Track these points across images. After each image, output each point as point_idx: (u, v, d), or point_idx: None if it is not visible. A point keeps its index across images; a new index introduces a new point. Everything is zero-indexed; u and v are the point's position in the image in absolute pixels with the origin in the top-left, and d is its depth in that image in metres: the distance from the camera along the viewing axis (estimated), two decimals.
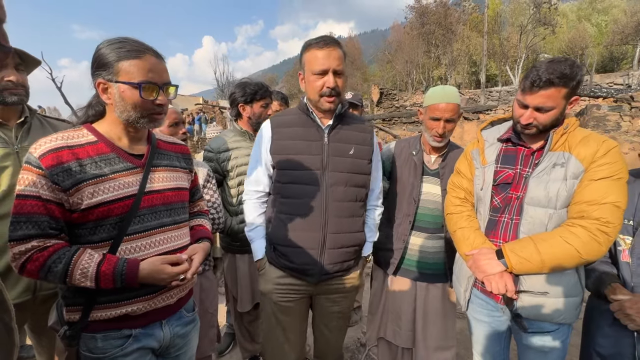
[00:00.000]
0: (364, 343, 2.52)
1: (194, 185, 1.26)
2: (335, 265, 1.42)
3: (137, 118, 0.98)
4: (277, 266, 1.45)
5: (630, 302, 1.12)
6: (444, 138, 1.60)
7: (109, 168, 0.96)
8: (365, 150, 1.46)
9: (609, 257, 1.29)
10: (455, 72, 35.16)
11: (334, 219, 1.39)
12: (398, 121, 15.10)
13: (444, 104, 1.54)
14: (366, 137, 1.49)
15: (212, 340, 1.78)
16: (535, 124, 1.20)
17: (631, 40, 26.90)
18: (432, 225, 1.67)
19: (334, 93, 1.34)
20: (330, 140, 1.41)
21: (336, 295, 1.50)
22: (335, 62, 1.31)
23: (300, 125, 1.43)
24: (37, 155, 0.89)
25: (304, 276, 1.42)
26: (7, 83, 1.32)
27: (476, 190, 1.39)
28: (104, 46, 0.95)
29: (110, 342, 0.98)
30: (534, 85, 1.14)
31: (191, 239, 1.16)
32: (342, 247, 1.42)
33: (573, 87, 1.14)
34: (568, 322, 1.26)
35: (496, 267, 1.19)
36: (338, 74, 1.33)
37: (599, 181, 1.12)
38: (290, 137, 1.42)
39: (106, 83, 0.95)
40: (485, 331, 1.43)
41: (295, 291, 1.45)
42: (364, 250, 1.55)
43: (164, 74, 1.00)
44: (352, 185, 1.43)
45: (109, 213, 0.94)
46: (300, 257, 1.39)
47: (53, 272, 0.88)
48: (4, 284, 1.28)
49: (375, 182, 1.57)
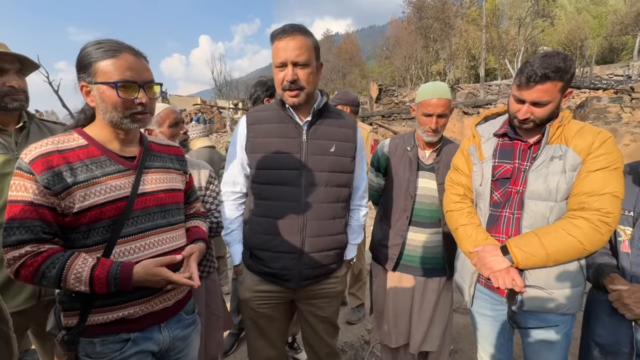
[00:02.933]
0: (368, 340, 2.52)
1: (189, 186, 1.26)
2: (315, 270, 1.36)
3: (119, 119, 0.96)
4: (254, 272, 1.39)
5: (628, 292, 1.14)
6: (437, 133, 1.61)
7: (100, 171, 0.96)
8: (347, 147, 1.38)
9: (609, 249, 1.30)
10: (454, 66, 35.04)
11: (313, 222, 1.32)
12: (397, 117, 15.06)
13: (436, 99, 1.55)
14: (349, 133, 1.40)
15: (220, 342, 1.77)
16: (532, 119, 1.21)
17: (631, 31, 26.72)
18: (430, 219, 1.67)
19: (294, 87, 1.24)
20: (309, 137, 1.33)
21: (319, 301, 1.44)
22: (294, 52, 1.20)
23: (277, 122, 1.34)
24: (28, 160, 0.89)
25: (282, 282, 1.35)
26: (10, 88, 1.32)
27: (475, 186, 1.39)
28: (84, 49, 0.95)
29: (108, 346, 0.98)
30: (530, 80, 1.14)
31: (187, 241, 1.16)
32: (322, 250, 1.35)
33: (567, 80, 1.16)
34: (572, 313, 1.27)
35: (502, 263, 1.20)
36: (299, 65, 1.22)
37: (596, 172, 1.14)
38: (266, 134, 1.33)
39: (87, 85, 0.95)
40: (490, 325, 1.44)
41: (274, 297, 1.40)
42: (346, 253, 1.49)
43: (144, 72, 0.98)
44: (333, 186, 1.35)
45: (101, 216, 0.94)
46: (277, 262, 1.33)
47: (47, 277, 0.88)
48: (9, 292, 1.30)
49: (359, 180, 1.50)
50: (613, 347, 1.21)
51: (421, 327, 1.70)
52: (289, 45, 1.21)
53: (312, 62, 1.26)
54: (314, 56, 1.26)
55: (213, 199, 1.69)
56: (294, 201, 1.31)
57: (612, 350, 1.21)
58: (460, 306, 2.92)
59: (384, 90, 19.08)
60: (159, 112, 1.60)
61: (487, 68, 30.43)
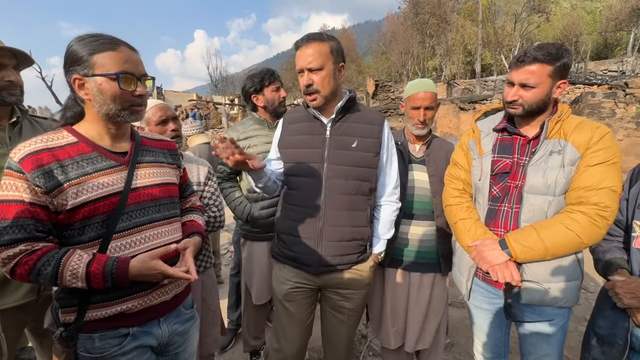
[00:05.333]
0: (365, 335, 2.54)
1: (184, 180, 1.25)
2: (335, 258, 1.42)
3: (117, 111, 0.96)
4: (280, 257, 1.51)
5: (621, 283, 1.16)
6: (425, 125, 1.67)
7: (92, 167, 0.95)
8: (370, 143, 1.44)
9: (622, 242, 1.29)
10: (450, 62, 35.07)
11: (332, 212, 1.40)
12: (394, 113, 15.06)
13: (422, 92, 1.63)
14: (373, 130, 1.46)
15: (216, 338, 1.77)
16: (520, 102, 1.23)
17: (625, 27, 26.88)
18: (422, 212, 1.69)
19: (311, 90, 1.36)
20: (332, 133, 1.43)
21: (346, 291, 1.49)
22: (307, 59, 1.32)
23: (305, 121, 1.48)
24: (17, 159, 0.88)
25: (303, 266, 1.44)
26: (7, 83, 1.32)
27: (474, 181, 1.40)
28: (74, 42, 0.94)
29: (107, 341, 0.98)
30: (519, 60, 1.20)
31: (183, 235, 1.16)
32: (341, 240, 1.42)
33: (559, 67, 1.18)
34: (568, 306, 1.29)
35: (500, 257, 1.22)
36: (313, 70, 1.33)
37: (595, 167, 1.15)
38: (296, 132, 1.49)
39: (82, 78, 0.94)
40: (487, 318, 1.45)
41: (301, 285, 1.48)
42: (374, 246, 1.54)
43: (139, 65, 0.99)
44: (353, 179, 1.42)
45: (94, 212, 0.94)
46: (298, 246, 1.43)
47: (43, 275, 0.88)
48: (9, 286, 1.29)
49: (388, 176, 1.53)
50: (609, 338, 1.23)
51: (415, 325, 1.71)
52: (304, 53, 1.33)
53: (328, 66, 1.34)
54: (330, 60, 1.34)
55: (211, 195, 1.69)
56: (315, 192, 1.41)
57: (608, 340, 1.24)
58: (456, 300, 2.95)
59: (380, 85, 19.06)
60: (147, 109, 1.57)
61: (483, 64, 30.50)
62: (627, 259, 1.24)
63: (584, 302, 2.88)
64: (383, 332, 1.80)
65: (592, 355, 1.30)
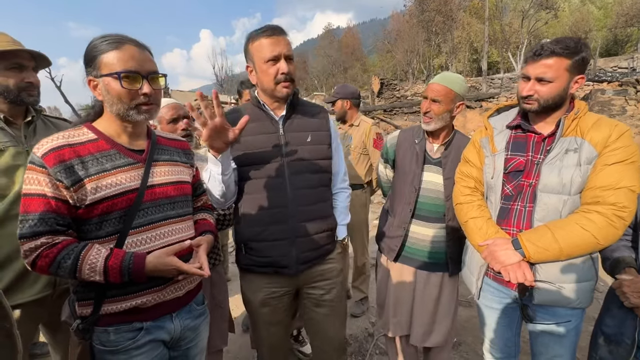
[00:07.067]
0: (372, 333, 2.54)
1: (197, 179, 1.27)
2: (312, 253, 1.42)
3: (125, 110, 0.98)
4: (254, 270, 1.43)
5: (629, 282, 1.14)
6: (430, 119, 1.58)
7: (111, 164, 0.98)
8: (323, 136, 1.47)
9: (630, 241, 1.27)
10: (456, 60, 34.74)
11: (300, 208, 1.39)
12: (399, 111, 14.99)
13: (435, 84, 1.58)
14: (322, 123, 1.49)
15: (224, 334, 1.79)
16: (536, 97, 1.19)
17: (636, 23, 26.39)
18: (434, 214, 1.66)
19: (288, 78, 1.32)
20: (286, 130, 1.41)
21: (324, 282, 1.49)
22: (285, 47, 1.30)
23: (254, 120, 1.38)
24: (40, 154, 0.91)
25: (280, 269, 1.40)
26: (28, 84, 1.36)
27: (486, 179, 1.37)
28: (89, 45, 0.97)
29: (122, 335, 1.00)
30: (536, 54, 1.16)
31: (195, 233, 1.18)
32: (315, 233, 1.42)
33: (577, 62, 1.14)
34: (582, 307, 1.27)
35: (513, 257, 1.19)
36: (289, 59, 1.32)
37: (612, 165, 1.12)
38: (248, 133, 1.36)
39: (94, 79, 0.97)
40: (497, 318, 1.44)
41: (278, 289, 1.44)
42: (337, 233, 1.55)
43: (147, 63, 0.99)
44: (314, 172, 1.43)
45: (112, 207, 0.96)
46: (273, 250, 1.38)
47: (63, 268, 0.90)
48: (27, 280, 1.31)
49: (338, 165, 1.58)
50: (616, 337, 1.22)
51: (423, 320, 1.71)
52: (280, 41, 1.30)
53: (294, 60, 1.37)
54: None
55: None
56: (280, 190, 1.38)
57: (615, 339, 1.22)
58: (465, 299, 2.93)
59: (385, 84, 18.98)
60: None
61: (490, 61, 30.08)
62: (635, 258, 1.22)
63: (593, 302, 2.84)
64: (384, 319, 1.84)
65: (600, 354, 1.28)
